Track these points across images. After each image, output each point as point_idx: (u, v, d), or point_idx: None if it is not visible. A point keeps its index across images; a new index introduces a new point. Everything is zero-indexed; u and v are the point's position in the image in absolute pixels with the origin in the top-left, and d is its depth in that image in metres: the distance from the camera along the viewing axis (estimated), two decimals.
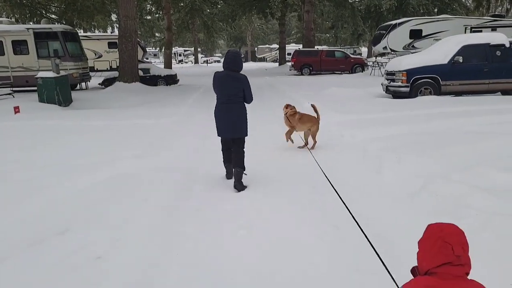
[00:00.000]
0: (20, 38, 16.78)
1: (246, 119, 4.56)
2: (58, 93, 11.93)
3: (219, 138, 4.77)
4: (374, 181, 4.55)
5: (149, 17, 35.76)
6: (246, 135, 4.61)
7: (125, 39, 15.73)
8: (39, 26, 17.88)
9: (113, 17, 31.67)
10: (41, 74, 12.11)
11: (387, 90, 11.53)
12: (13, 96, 13.23)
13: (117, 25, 16.50)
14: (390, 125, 7.07)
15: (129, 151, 5.99)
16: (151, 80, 18.71)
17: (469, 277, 1.49)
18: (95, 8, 29.24)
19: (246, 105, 4.58)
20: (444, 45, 11.09)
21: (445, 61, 10.57)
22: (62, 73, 12.73)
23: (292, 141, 6.17)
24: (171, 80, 19.37)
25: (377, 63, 22.92)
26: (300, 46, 50.29)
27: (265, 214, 3.76)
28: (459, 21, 21.79)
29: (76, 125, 8.36)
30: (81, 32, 34.92)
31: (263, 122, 8.40)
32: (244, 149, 4.62)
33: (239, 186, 4.45)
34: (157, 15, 34.74)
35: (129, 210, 3.96)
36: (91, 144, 6.62)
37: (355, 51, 42.81)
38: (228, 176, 4.83)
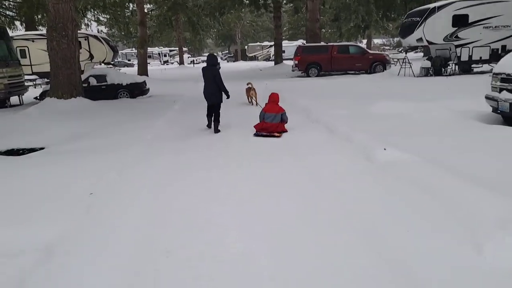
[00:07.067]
0: None
1: (221, 92, 7.64)
2: None
3: None
4: None
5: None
6: (221, 101, 7.70)
7: (57, 32, 10.22)
8: None
9: None
10: None
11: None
12: None
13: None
14: None
15: None
16: (109, 91, 13.30)
17: None
18: None
19: None
20: None
21: None
22: None
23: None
24: (137, 90, 13.91)
25: (408, 60, 17.69)
26: (294, 43, 45.02)
27: None
28: None
29: None
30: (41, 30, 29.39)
31: None
32: (220, 110, 7.66)
33: (216, 131, 7.54)
34: (129, 10, 29.02)
35: None
36: None
37: None
38: (209, 126, 7.85)
